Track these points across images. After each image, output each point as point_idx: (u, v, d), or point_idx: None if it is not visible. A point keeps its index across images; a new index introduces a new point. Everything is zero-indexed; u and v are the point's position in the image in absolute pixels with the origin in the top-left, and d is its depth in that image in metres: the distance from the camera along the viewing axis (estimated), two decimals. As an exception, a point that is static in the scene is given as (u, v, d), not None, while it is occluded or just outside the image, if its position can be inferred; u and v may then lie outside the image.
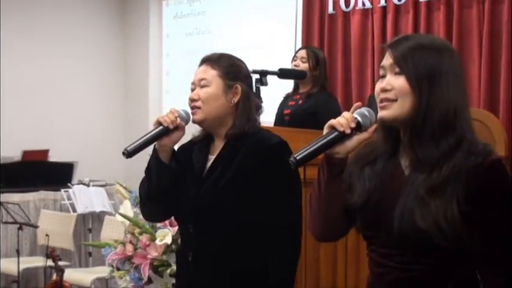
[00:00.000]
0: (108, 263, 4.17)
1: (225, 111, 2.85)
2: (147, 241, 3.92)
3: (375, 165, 2.17)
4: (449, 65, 2.10)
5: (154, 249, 3.88)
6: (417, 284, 2.08)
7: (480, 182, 2.00)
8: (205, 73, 2.87)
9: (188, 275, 2.87)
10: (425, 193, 2.01)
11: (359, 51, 6.60)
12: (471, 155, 2.02)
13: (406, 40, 2.13)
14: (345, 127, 2.06)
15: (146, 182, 2.91)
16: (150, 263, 3.92)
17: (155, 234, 3.90)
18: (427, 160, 2.05)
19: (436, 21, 6.12)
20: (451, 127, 2.05)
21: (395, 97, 2.07)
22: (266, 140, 2.83)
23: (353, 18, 6.66)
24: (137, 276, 3.95)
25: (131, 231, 4.05)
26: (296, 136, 3.81)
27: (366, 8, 6.57)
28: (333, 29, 6.81)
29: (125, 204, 4.20)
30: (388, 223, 2.06)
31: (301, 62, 5.36)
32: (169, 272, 3.90)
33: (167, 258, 3.90)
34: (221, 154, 2.85)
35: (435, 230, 1.98)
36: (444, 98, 2.06)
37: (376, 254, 2.16)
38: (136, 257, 3.98)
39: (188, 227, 2.84)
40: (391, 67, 2.10)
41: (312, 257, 3.92)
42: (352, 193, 2.16)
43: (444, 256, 2.04)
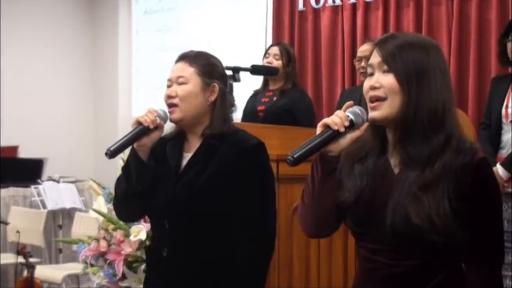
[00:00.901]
0: (82, 259, 4.16)
1: (202, 109, 2.86)
2: (121, 237, 3.92)
3: (365, 162, 2.21)
4: (436, 62, 2.14)
5: (128, 244, 3.88)
6: (408, 279, 2.12)
7: (469, 180, 2.06)
8: (183, 70, 2.87)
9: (162, 271, 2.87)
10: (418, 189, 2.06)
11: (329, 47, 6.66)
12: (460, 153, 2.07)
13: (393, 38, 2.17)
14: (339, 126, 2.09)
15: (123, 181, 2.90)
16: (125, 259, 3.91)
17: (130, 230, 3.91)
18: (418, 157, 2.09)
19: (406, 18, 6.20)
20: (440, 124, 2.10)
21: (385, 94, 2.10)
22: (245, 141, 2.85)
23: (323, 14, 6.73)
24: (111, 272, 3.94)
25: (105, 227, 4.05)
26: (270, 133, 3.85)
27: (336, 5, 6.63)
28: (303, 26, 6.87)
29: (98, 200, 4.20)
30: (380, 220, 2.10)
31: (274, 59, 5.37)
32: (143, 268, 3.90)
33: (141, 254, 3.90)
34: (198, 152, 2.86)
35: (429, 225, 2.02)
36: (432, 95, 2.10)
37: (365, 250, 2.20)
38: (110, 253, 3.97)
39: (163, 223, 2.84)
40: (379, 65, 2.14)
41: (285, 255, 3.93)
42: (343, 191, 2.19)
43: (435, 251, 2.09)
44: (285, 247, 3.93)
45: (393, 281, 2.14)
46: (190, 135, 2.91)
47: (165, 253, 2.83)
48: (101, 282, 4.02)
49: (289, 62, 5.39)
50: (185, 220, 2.79)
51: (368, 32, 6.40)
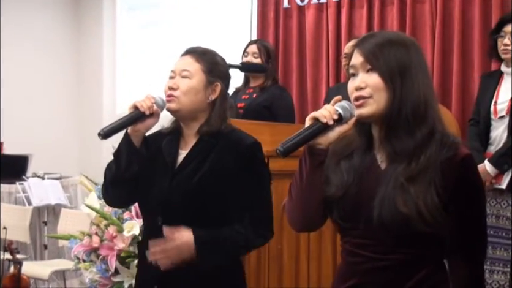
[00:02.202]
0: (74, 255, 4.19)
1: (201, 106, 2.87)
2: (114, 233, 3.95)
3: (352, 159, 2.26)
4: (416, 58, 2.20)
5: (121, 240, 3.92)
6: (392, 273, 2.18)
7: (454, 174, 2.13)
8: (189, 64, 2.87)
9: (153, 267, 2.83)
10: (405, 181, 2.12)
11: (314, 45, 6.70)
12: (444, 147, 2.14)
13: (372, 37, 2.23)
14: (328, 119, 2.14)
15: (113, 165, 2.90)
16: (117, 255, 3.94)
17: (123, 226, 3.94)
18: (404, 151, 2.15)
19: (390, 15, 6.26)
20: (423, 117, 2.16)
21: (370, 94, 2.16)
22: (241, 139, 2.87)
23: (307, 12, 6.76)
24: (104, 268, 3.98)
25: (98, 223, 4.08)
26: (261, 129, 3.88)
27: (321, 2, 6.67)
28: (288, 23, 6.91)
29: (91, 196, 4.23)
30: (367, 213, 2.16)
31: (253, 57, 5.40)
32: (136, 263, 3.94)
33: (134, 249, 3.94)
34: (195, 149, 2.87)
35: (416, 214, 2.08)
36: (415, 90, 2.16)
37: (351, 245, 2.25)
38: (102, 249, 4.00)
39: (157, 220, 2.85)
40: (362, 65, 2.19)
41: (275, 248, 3.98)
42: (329, 186, 2.24)
43: (421, 243, 2.15)
44: (275, 241, 3.97)
45: (377, 275, 2.19)
46: (186, 131, 2.92)
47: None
48: (93, 278, 4.04)
49: (269, 59, 5.42)
50: (178, 217, 2.79)
51: (352, 29, 6.46)
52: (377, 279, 2.19)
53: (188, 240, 2.73)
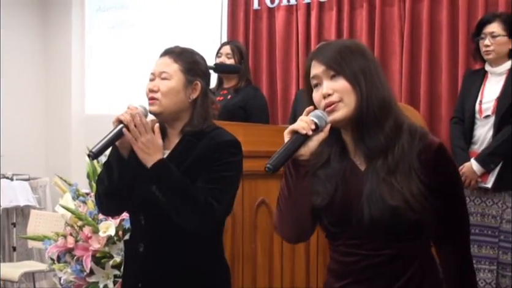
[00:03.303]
0: (48, 255, 4.19)
1: (183, 106, 2.90)
2: (89, 233, 3.97)
3: (329, 167, 2.32)
4: (372, 62, 2.30)
5: (96, 240, 3.93)
6: (387, 267, 2.25)
7: (432, 163, 2.21)
8: (167, 66, 2.90)
9: (138, 266, 2.91)
10: (386, 175, 2.20)
11: (284, 46, 6.75)
12: (415, 137, 2.23)
13: (329, 46, 2.31)
14: (307, 130, 2.19)
15: (105, 178, 2.93)
16: (93, 255, 3.96)
17: (98, 227, 3.95)
18: (378, 147, 2.23)
19: (359, 18, 6.32)
20: (389, 111, 2.24)
21: (339, 98, 2.23)
22: (221, 136, 2.90)
23: (277, 13, 6.81)
24: (79, 268, 3.99)
25: (73, 223, 4.08)
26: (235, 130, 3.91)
27: (291, 4, 6.72)
28: (258, 25, 6.95)
29: (65, 197, 4.23)
30: (357, 214, 2.22)
31: (226, 58, 5.45)
32: (111, 263, 3.96)
33: (109, 250, 3.96)
34: (177, 149, 2.90)
35: (404, 204, 2.16)
36: (379, 88, 2.25)
37: (345, 246, 2.31)
38: (77, 249, 4.01)
39: (139, 219, 2.89)
40: (324, 73, 2.25)
41: (249, 248, 4.01)
42: (314, 197, 2.29)
43: (411, 234, 2.23)
44: (249, 241, 4.02)
45: (373, 271, 2.26)
46: (169, 130, 2.95)
47: (142, 249, 2.88)
48: (68, 278, 4.05)
49: (242, 60, 5.47)
50: (160, 217, 2.81)
51: (322, 31, 6.51)
52: (373, 275, 2.26)
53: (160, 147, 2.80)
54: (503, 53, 4.53)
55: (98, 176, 3.04)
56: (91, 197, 4.18)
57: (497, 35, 4.51)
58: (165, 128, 2.96)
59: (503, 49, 4.52)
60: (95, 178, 4.25)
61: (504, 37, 4.51)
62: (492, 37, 4.52)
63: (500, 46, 4.52)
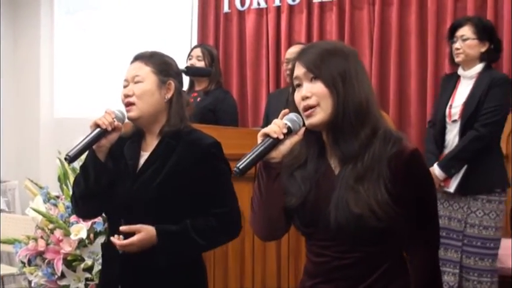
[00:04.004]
0: (19, 259, 4.17)
1: (159, 107, 2.93)
2: (61, 236, 3.96)
3: (306, 168, 2.35)
4: (355, 64, 2.31)
5: (68, 243, 3.92)
6: (355, 269, 2.29)
7: (404, 169, 2.23)
8: (139, 69, 2.94)
9: (117, 268, 2.92)
10: (353, 182, 2.22)
11: (254, 49, 6.78)
12: (389, 143, 2.24)
13: (312, 48, 2.34)
14: (278, 134, 2.22)
15: (82, 181, 2.95)
16: (64, 258, 3.95)
17: (69, 229, 3.95)
18: (350, 152, 2.25)
19: (329, 21, 6.38)
20: (365, 117, 2.26)
21: (317, 102, 2.26)
22: (202, 139, 2.94)
23: (248, 16, 6.84)
24: (50, 271, 3.97)
25: (44, 226, 4.07)
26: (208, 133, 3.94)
27: (261, 7, 6.75)
28: (228, 28, 6.97)
29: (36, 200, 4.22)
30: (325, 218, 2.26)
31: (197, 60, 5.47)
32: (82, 266, 3.96)
33: (81, 253, 3.95)
34: (156, 151, 2.93)
35: (368, 212, 2.19)
36: (356, 93, 2.26)
37: (316, 247, 2.36)
38: (48, 252, 4.00)
39: (119, 221, 2.89)
40: (305, 75, 2.29)
41: (221, 250, 4.02)
42: (288, 197, 2.33)
43: (378, 239, 2.26)
44: (220, 243, 4.03)
45: (341, 272, 2.30)
46: (147, 134, 2.98)
47: (121, 251, 2.88)
48: (39, 281, 4.04)
49: (212, 62, 5.49)
50: (141, 218, 2.84)
51: (292, 34, 6.55)
52: (341, 276, 2.30)
53: (149, 229, 2.81)
54: (472, 56, 4.55)
55: (74, 179, 3.05)
56: (62, 199, 4.17)
57: (467, 38, 4.54)
58: (143, 132, 2.99)
59: (473, 52, 4.55)
60: (66, 180, 4.25)
61: (474, 40, 4.54)
62: (462, 40, 4.55)
63: (469, 49, 4.54)
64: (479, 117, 4.46)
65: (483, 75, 4.54)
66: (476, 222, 4.47)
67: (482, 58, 4.57)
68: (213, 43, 6.86)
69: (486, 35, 4.59)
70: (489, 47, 4.59)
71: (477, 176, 4.47)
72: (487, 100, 4.47)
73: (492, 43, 4.60)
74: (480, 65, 4.57)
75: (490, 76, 4.52)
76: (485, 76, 4.53)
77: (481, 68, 4.57)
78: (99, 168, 2.91)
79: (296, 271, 4.05)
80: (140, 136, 3.00)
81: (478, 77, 4.56)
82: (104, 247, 3.16)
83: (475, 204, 4.48)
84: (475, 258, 4.47)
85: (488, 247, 4.46)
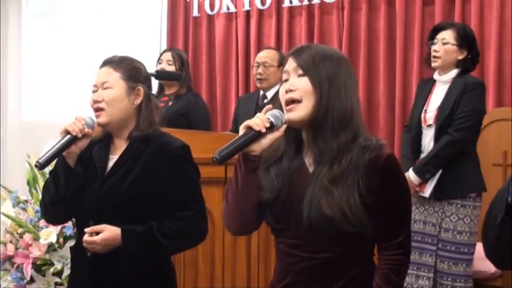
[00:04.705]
0: (-13, 263, 4.15)
1: (128, 112, 2.95)
2: (30, 241, 3.94)
3: (281, 164, 2.38)
4: (345, 71, 2.35)
5: (37, 248, 3.91)
6: (324, 270, 2.31)
7: (378, 173, 2.26)
8: (108, 75, 2.95)
9: (86, 271, 2.92)
10: (328, 183, 2.25)
11: (224, 53, 6.81)
12: (367, 150, 2.28)
13: (308, 49, 2.38)
14: (260, 127, 2.26)
15: (52, 187, 2.96)
16: (33, 263, 3.93)
17: (39, 234, 3.93)
18: (328, 152, 2.28)
19: (298, 25, 6.42)
20: (348, 124, 2.30)
21: (300, 97, 2.30)
22: (170, 142, 2.96)
23: (217, 21, 6.87)
24: (19, 276, 3.95)
25: (13, 230, 4.05)
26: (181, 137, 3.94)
27: (230, 11, 6.78)
28: (198, 32, 7.00)
29: (6, 204, 4.19)
30: (298, 215, 2.29)
31: (167, 64, 5.45)
32: (52, 271, 3.94)
33: (50, 257, 3.94)
34: (125, 155, 2.94)
35: (340, 215, 2.22)
36: (342, 98, 2.30)
37: (285, 245, 2.38)
38: (17, 257, 3.98)
39: (89, 224, 2.89)
40: (294, 69, 2.34)
41: (191, 254, 4.02)
42: (262, 191, 2.36)
43: (348, 242, 2.28)
44: (191, 247, 4.03)
45: (310, 273, 2.32)
46: (116, 138, 2.99)
47: (89, 254, 2.88)
48: (8, 286, 4.01)
49: (183, 67, 5.48)
50: (110, 221, 2.84)
51: (262, 39, 6.59)
52: (310, 277, 2.32)
53: (113, 229, 2.83)
54: (449, 61, 4.56)
55: (44, 185, 3.06)
56: (31, 204, 4.16)
57: (447, 42, 4.54)
58: (112, 136, 3.00)
59: (450, 57, 4.55)
60: (35, 185, 4.23)
61: (454, 46, 4.55)
62: (442, 43, 4.56)
63: (447, 54, 4.55)
64: (453, 122, 4.48)
65: (457, 80, 4.56)
66: (451, 227, 4.49)
67: (458, 65, 4.59)
68: (182, 47, 6.88)
69: (466, 44, 4.60)
70: (466, 56, 4.60)
71: (451, 180, 4.49)
72: (461, 104, 4.49)
73: (470, 53, 4.62)
74: (455, 70, 4.58)
75: (465, 81, 4.53)
76: (460, 81, 4.55)
77: (456, 74, 4.59)
78: (69, 174, 2.92)
79: (266, 274, 4.06)
80: (109, 139, 3.01)
81: (452, 82, 4.58)
82: (73, 251, 3.17)
83: (450, 209, 4.50)
84: (449, 262, 4.49)
85: (462, 252, 4.47)
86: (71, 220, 3.68)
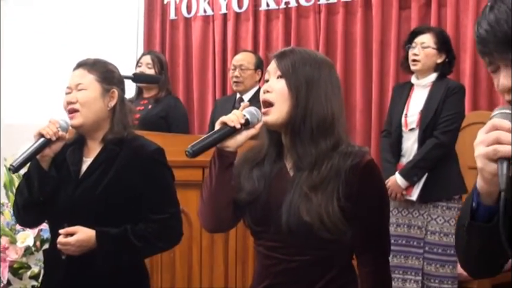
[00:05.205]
0: (-37, 267, 4.12)
1: (103, 115, 2.95)
2: (6, 244, 3.93)
3: (263, 166, 2.39)
4: (327, 77, 2.34)
5: (14, 251, 3.89)
6: (302, 273, 2.31)
7: (357, 179, 2.26)
8: (82, 77, 2.96)
9: (61, 274, 2.92)
10: (308, 189, 2.25)
11: (201, 56, 6.82)
12: (349, 157, 2.28)
13: (291, 52, 2.38)
14: (235, 123, 2.27)
15: (25, 190, 2.96)
16: (10, 266, 3.92)
17: (15, 237, 3.92)
18: (306, 158, 2.29)
19: (275, 29, 6.44)
20: (329, 130, 2.30)
21: (274, 99, 2.30)
22: (145, 146, 2.97)
23: (194, 24, 6.88)
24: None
25: (-12, 234, 4.04)
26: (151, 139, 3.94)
27: (207, 14, 6.79)
28: (175, 35, 7.01)
29: (-18, 207, 4.18)
30: (277, 219, 2.29)
31: (147, 68, 5.45)
32: (29, 274, 3.93)
33: (27, 261, 3.93)
34: (99, 158, 2.94)
35: (319, 222, 2.22)
36: (322, 104, 2.29)
37: (264, 248, 2.38)
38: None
39: (63, 226, 2.89)
40: (274, 70, 2.35)
41: (168, 257, 4.03)
42: (241, 192, 2.36)
43: (326, 247, 2.28)
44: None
45: (289, 275, 2.32)
46: (89, 141, 2.99)
47: (64, 257, 2.88)
48: (-16, 289, 4.00)
49: (162, 70, 5.48)
50: (84, 224, 2.84)
51: (238, 41, 6.60)
52: (288, 280, 2.33)
53: (88, 231, 2.83)
54: (429, 65, 4.59)
55: (17, 188, 3.05)
56: (8, 207, 4.14)
57: (427, 46, 4.57)
58: (85, 138, 3.01)
59: (430, 61, 4.58)
60: (11, 187, 4.22)
61: (434, 50, 4.57)
62: (422, 47, 4.59)
63: (427, 57, 4.57)
64: (438, 125, 4.51)
65: (438, 84, 4.60)
66: (437, 229, 4.51)
67: (437, 69, 4.63)
68: (159, 49, 6.87)
69: (445, 47, 4.65)
70: (444, 60, 4.64)
71: (437, 183, 4.51)
72: (445, 108, 4.52)
73: (448, 57, 4.66)
74: (434, 74, 4.62)
75: (447, 85, 4.58)
76: (441, 84, 4.59)
77: (435, 77, 4.62)
78: (43, 177, 2.92)
79: (243, 276, 4.07)
80: (82, 142, 3.01)
81: (432, 86, 4.61)
82: (47, 254, 3.17)
83: (435, 211, 4.52)
84: (436, 265, 4.51)
85: (449, 253, 4.48)
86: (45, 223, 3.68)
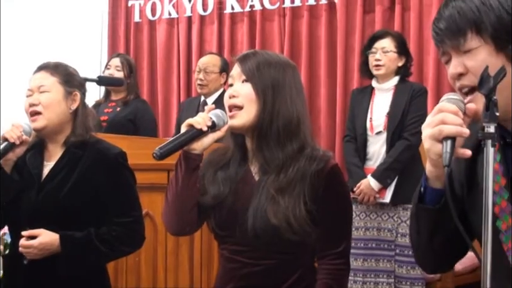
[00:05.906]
0: None
1: (65, 117, 2.94)
2: (-28, 248, 3.87)
3: (228, 170, 2.39)
4: (291, 79, 2.36)
5: (-22, 255, 3.84)
6: (268, 276, 2.31)
7: (323, 183, 2.27)
8: (44, 79, 2.94)
9: (22, 279, 2.89)
10: (275, 192, 2.26)
11: (165, 59, 6.82)
12: (314, 161, 2.29)
13: (254, 55, 2.38)
14: (201, 125, 2.26)
15: None
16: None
17: (-19, 241, 3.86)
18: (273, 161, 2.29)
19: (240, 31, 6.46)
20: (295, 133, 2.31)
21: (242, 103, 2.30)
22: (108, 149, 2.95)
23: (159, 26, 6.88)
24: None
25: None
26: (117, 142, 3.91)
27: (172, 17, 6.79)
28: (139, 37, 7.00)
29: None
30: (243, 223, 2.28)
31: (116, 70, 5.41)
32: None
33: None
34: (61, 161, 2.92)
35: (285, 225, 2.22)
36: (288, 107, 2.30)
37: (228, 251, 2.37)
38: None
39: (25, 230, 2.86)
40: (238, 75, 2.34)
41: (133, 260, 4.00)
42: (206, 196, 2.35)
43: (292, 249, 2.29)
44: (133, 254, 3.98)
45: (253, 279, 2.32)
46: (50, 144, 2.97)
47: (26, 262, 2.86)
48: None
49: (131, 73, 5.45)
50: (48, 228, 2.82)
51: (203, 44, 6.60)
52: (253, 283, 2.33)
53: (51, 234, 2.82)
54: (392, 69, 4.62)
55: None
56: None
57: (388, 50, 4.61)
58: (45, 142, 2.99)
59: (392, 65, 4.62)
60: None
61: (395, 54, 4.61)
62: (383, 52, 4.62)
63: (390, 61, 4.61)
64: (407, 126, 4.55)
65: (402, 87, 4.65)
66: (407, 231, 4.48)
67: (398, 72, 4.67)
68: (123, 52, 6.83)
69: (404, 50, 4.70)
70: (404, 62, 4.70)
71: (406, 185, 4.50)
72: (411, 110, 4.57)
73: (407, 59, 4.72)
74: (396, 77, 4.66)
75: (411, 87, 4.64)
76: (405, 87, 4.64)
77: (397, 81, 4.66)
78: (6, 181, 2.90)
79: (209, 279, 4.06)
80: (41, 146, 2.99)
81: (396, 89, 4.65)
82: (6, 259, 3.15)
83: (405, 213, 4.54)
84: (407, 267, 4.54)
85: None
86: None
